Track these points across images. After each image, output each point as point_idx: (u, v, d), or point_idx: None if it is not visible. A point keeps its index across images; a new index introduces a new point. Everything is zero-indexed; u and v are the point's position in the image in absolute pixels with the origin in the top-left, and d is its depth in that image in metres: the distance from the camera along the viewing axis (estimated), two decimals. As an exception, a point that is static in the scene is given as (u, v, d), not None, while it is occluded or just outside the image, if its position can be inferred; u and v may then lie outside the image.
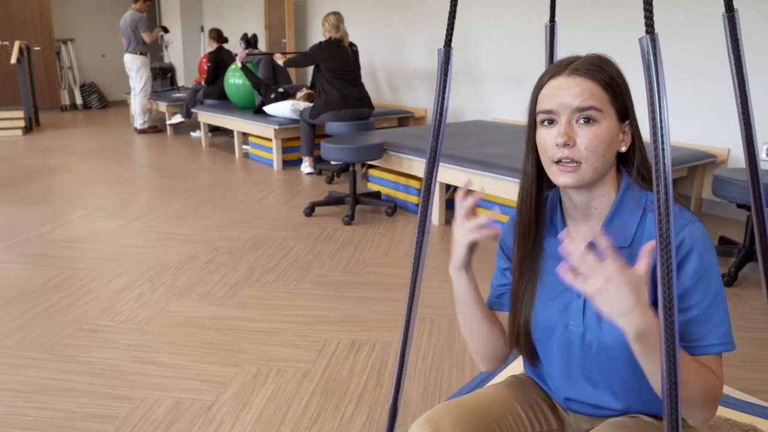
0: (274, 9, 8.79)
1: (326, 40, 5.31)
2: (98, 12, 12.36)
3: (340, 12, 5.38)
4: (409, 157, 4.26)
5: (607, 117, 1.06)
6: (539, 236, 1.21)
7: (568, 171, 1.06)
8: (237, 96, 6.88)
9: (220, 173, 5.88)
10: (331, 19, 5.31)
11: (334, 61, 5.25)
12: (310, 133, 5.68)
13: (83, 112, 11.73)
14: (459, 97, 6.25)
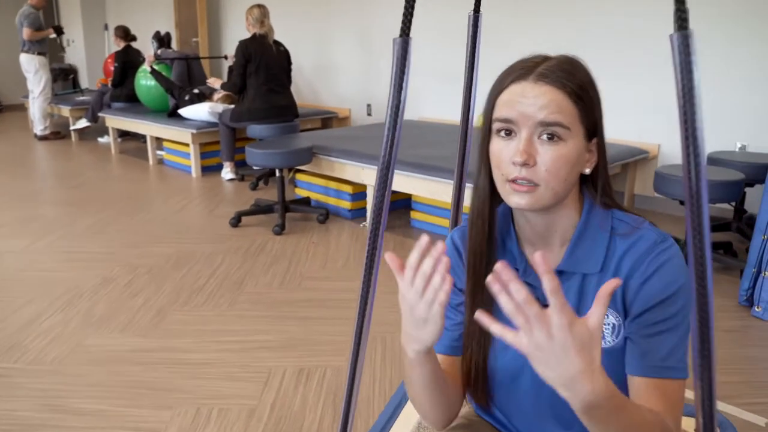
0: (185, 5, 8.35)
1: (249, 37, 5.00)
2: (-11, 9, 11.45)
3: (265, 5, 5.07)
4: (341, 161, 4.05)
5: (574, 135, 0.90)
6: (491, 262, 1.02)
7: (523, 191, 0.90)
8: (149, 98, 6.45)
9: (133, 182, 5.47)
10: (255, 12, 4.99)
11: (257, 61, 4.95)
12: (231, 137, 5.37)
13: (-25, 117, 10.83)
14: (382, 95, 6.09)
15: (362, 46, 6.18)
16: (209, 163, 5.78)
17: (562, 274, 0.97)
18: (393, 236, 3.88)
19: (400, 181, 3.73)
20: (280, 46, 5.14)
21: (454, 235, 1.08)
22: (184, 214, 4.42)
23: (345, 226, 4.09)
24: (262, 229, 4.02)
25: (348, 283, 3.14)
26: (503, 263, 0.71)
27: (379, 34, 5.97)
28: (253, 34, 5.00)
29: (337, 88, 6.60)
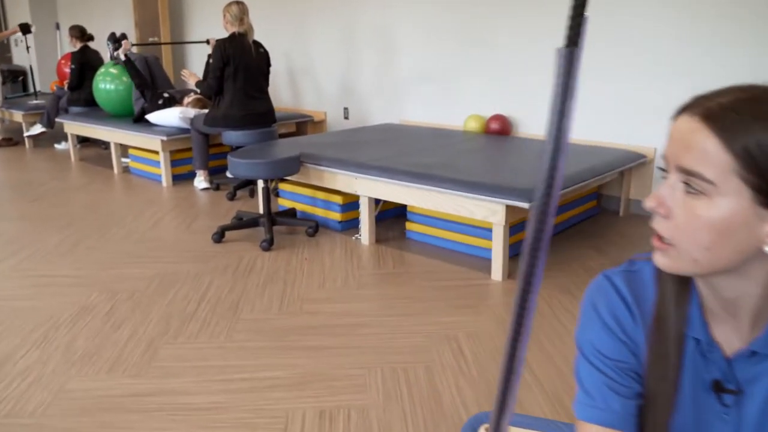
0: (143, 4, 7.96)
1: (228, 37, 4.70)
2: (-72, 8, 10.80)
3: (243, 1, 4.77)
4: (331, 170, 3.80)
5: (726, 195, 0.69)
6: (678, 327, 0.82)
7: (659, 248, 0.75)
8: (109, 103, 6.09)
9: (99, 193, 5.11)
10: (234, 9, 4.68)
11: (236, 63, 4.65)
12: (204, 144, 5.06)
13: None
14: (361, 98, 5.85)
15: (340, 45, 5.94)
16: (179, 171, 5.46)
17: (755, 355, 0.78)
18: (388, 249, 3.66)
19: (394, 191, 3.51)
20: (260, 47, 4.86)
21: (616, 280, 0.86)
22: (160, 229, 4.11)
23: (336, 240, 3.84)
24: (247, 244, 3.75)
25: (351, 306, 2.90)
26: None
27: (360, 32, 5.73)
28: (231, 34, 4.70)
29: (312, 90, 6.33)
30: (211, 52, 4.75)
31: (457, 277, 3.24)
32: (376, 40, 5.62)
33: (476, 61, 4.96)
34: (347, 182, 3.74)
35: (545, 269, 3.48)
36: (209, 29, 7.23)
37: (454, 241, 3.62)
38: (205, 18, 7.34)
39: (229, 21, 4.73)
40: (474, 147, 4.22)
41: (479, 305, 2.90)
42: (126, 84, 5.98)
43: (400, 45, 5.46)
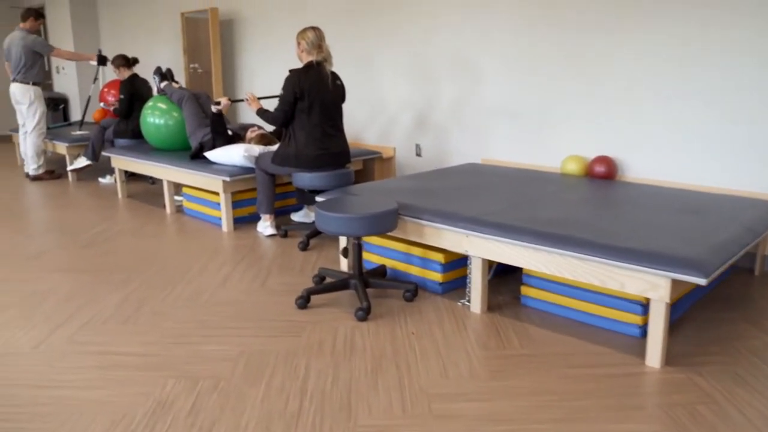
0: (192, 29, 7.56)
1: (302, 67, 4.22)
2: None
3: (319, 27, 4.30)
4: (435, 225, 3.25)
5: None
6: None
7: None
8: (158, 138, 5.65)
9: (155, 238, 4.62)
10: (310, 36, 4.19)
11: (311, 97, 4.16)
12: (270, 186, 4.56)
13: (-46, 151, 9.89)
14: (437, 133, 5.33)
15: (412, 74, 5.43)
16: (240, 214, 4.96)
17: None
18: (505, 320, 3.09)
19: (516, 254, 2.96)
20: (336, 79, 4.36)
21: None
22: (231, 287, 3.59)
23: (439, 306, 3.29)
24: (338, 311, 3.21)
25: (492, 406, 2.33)
26: None
27: (435, 59, 5.22)
28: (307, 64, 4.22)
29: (379, 124, 5.83)
30: (283, 84, 4.26)
31: (601, 363, 2.66)
32: (454, 68, 5.10)
33: (575, 93, 4.41)
34: (455, 240, 3.19)
35: (702, 348, 2.90)
36: (261, 55, 6.79)
37: (586, 312, 3.04)
38: (256, 43, 6.90)
39: (305, 49, 4.25)
40: (589, 195, 3.66)
41: (646, 405, 2.32)
42: (176, 119, 5.55)
43: (482, 74, 4.94)
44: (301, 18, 6.33)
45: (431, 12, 5.17)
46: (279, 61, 6.71)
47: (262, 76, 6.99)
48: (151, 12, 8.53)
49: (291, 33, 6.46)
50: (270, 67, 6.85)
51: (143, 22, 8.73)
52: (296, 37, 4.30)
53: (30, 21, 6.83)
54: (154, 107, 5.70)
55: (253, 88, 7.15)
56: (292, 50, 6.41)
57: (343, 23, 5.90)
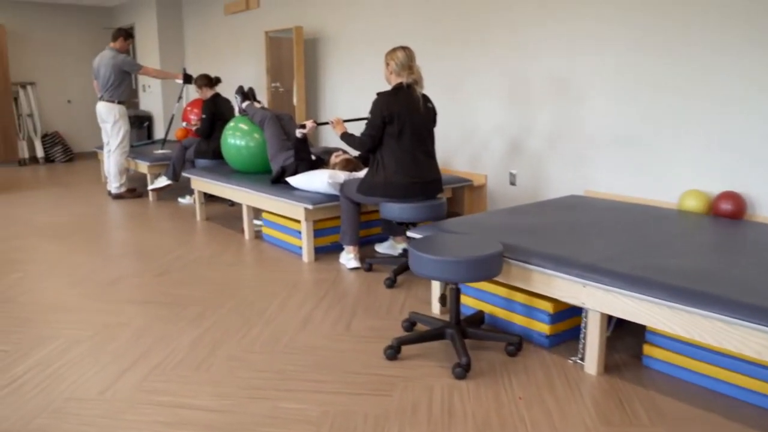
0: (275, 48, 7.42)
1: (391, 90, 3.92)
2: (63, 52, 10.89)
3: (410, 47, 4.00)
4: (546, 272, 2.84)
5: None
6: None
7: None
8: (238, 160, 5.45)
9: (232, 268, 4.39)
10: (399, 56, 3.90)
11: (401, 121, 3.85)
12: (355, 215, 4.25)
13: (45, 166, 10.16)
14: (533, 161, 4.90)
15: (506, 97, 5.04)
16: (321, 243, 4.68)
17: None
18: (626, 385, 2.64)
19: (644, 311, 2.52)
20: (428, 102, 4.04)
21: None
22: (312, 330, 3.27)
23: (547, 363, 2.87)
24: (432, 364, 2.84)
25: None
26: None
27: (533, 81, 4.81)
28: (396, 86, 3.91)
29: (468, 149, 5.46)
30: (371, 108, 3.96)
31: (756, 451, 2.19)
32: (554, 91, 4.68)
33: (697, 118, 3.91)
34: (570, 290, 2.77)
35: None
36: (346, 76, 6.54)
37: (727, 382, 2.56)
38: (341, 63, 6.67)
39: (394, 71, 3.94)
40: (718, 238, 3.16)
41: None
42: (257, 141, 5.34)
43: (585, 95, 4.50)
44: (389, 37, 6.05)
45: (527, 29, 4.78)
46: (365, 82, 6.45)
47: (347, 97, 6.75)
48: (235, 31, 8.48)
49: (379, 53, 6.19)
50: (355, 88, 6.60)
51: (227, 42, 8.69)
52: (385, 57, 4.01)
53: (120, 41, 6.83)
54: (235, 128, 5.52)
55: (336, 109, 6.92)
56: (379, 71, 6.13)
57: (433, 42, 5.58)
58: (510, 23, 4.93)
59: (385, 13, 6.07)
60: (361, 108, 6.45)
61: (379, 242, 4.84)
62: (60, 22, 10.80)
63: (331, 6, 6.75)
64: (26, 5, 10.48)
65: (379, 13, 6.15)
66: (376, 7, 6.17)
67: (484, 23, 5.12)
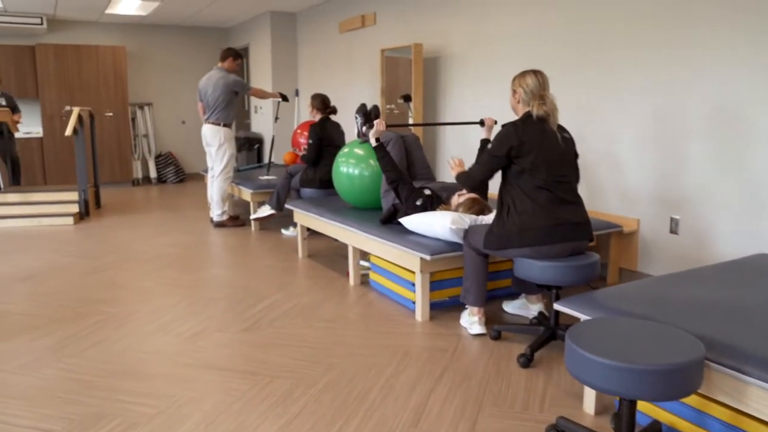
0: (391, 67, 6.79)
1: (520, 119, 3.15)
2: (179, 73, 10.84)
3: (542, 71, 3.20)
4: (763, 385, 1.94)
5: None
6: None
7: None
8: (350, 192, 4.78)
9: (330, 325, 3.71)
10: (529, 82, 3.15)
11: (534, 153, 3.06)
12: (482, 270, 3.46)
13: (157, 186, 10.05)
14: (698, 206, 3.92)
15: (663, 128, 4.10)
16: (438, 297, 3.91)
17: None
18: None
19: None
20: (564, 132, 3.21)
21: None
22: (427, 427, 2.50)
23: None
24: None
25: None
26: None
27: (695, 110, 3.84)
28: (525, 116, 3.13)
29: (618, 188, 4.53)
30: (493, 139, 3.18)
31: None
32: (721, 122, 3.70)
33: None
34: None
35: None
36: (471, 99, 5.77)
37: None
38: (466, 85, 5.91)
39: (522, 99, 3.18)
40: None
41: None
42: (373, 170, 4.64)
43: (761, 132, 3.50)
44: (524, 57, 5.25)
45: (687, 49, 3.83)
46: (495, 108, 5.66)
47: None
48: (349, 50, 7.94)
49: (510, 74, 5.40)
50: (482, 113, 5.83)
51: (340, 61, 8.17)
52: (512, 82, 3.25)
53: (229, 61, 6.43)
54: (349, 154, 4.83)
55: (458, 135, 6.17)
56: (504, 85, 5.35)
57: (576, 61, 4.71)
58: (665, 42, 3.99)
59: (522, 31, 5.28)
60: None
61: (508, 298, 4.03)
62: (177, 43, 10.76)
63: (457, 22, 6.03)
64: (146, 27, 10.50)
65: (514, 31, 5.36)
66: (511, 23, 5.38)
67: (636, 42, 4.21)
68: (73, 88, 9.57)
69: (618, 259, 4.47)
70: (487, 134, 4.27)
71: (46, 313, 3.92)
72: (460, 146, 6.09)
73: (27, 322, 3.75)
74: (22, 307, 4.03)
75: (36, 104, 9.70)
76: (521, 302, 3.82)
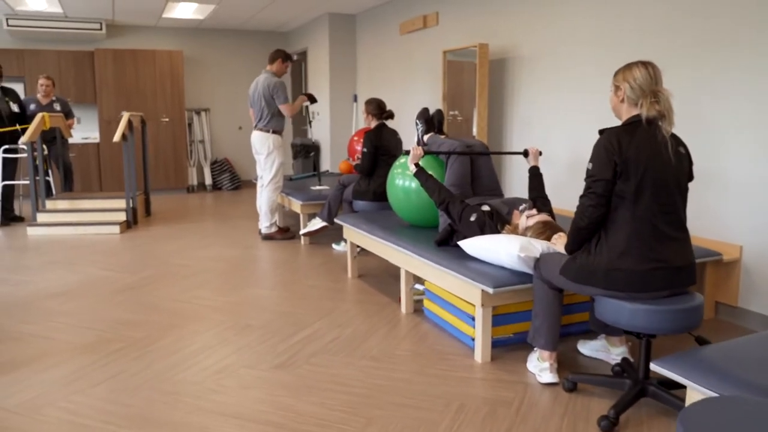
0: (454, 71, 6.27)
1: (623, 125, 2.59)
2: (236, 77, 10.59)
3: (653, 63, 2.61)
4: None
5: None
6: None
7: None
8: (405, 208, 4.27)
9: (376, 365, 3.21)
10: (638, 75, 2.56)
11: (640, 174, 2.48)
12: (556, 306, 2.90)
13: (212, 194, 9.81)
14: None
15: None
16: (500, 333, 3.36)
17: None
18: None
19: None
20: (679, 146, 2.62)
21: None
22: None
23: None
24: None
25: None
26: None
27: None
28: (630, 121, 2.56)
29: (717, 206, 3.87)
30: (592, 154, 2.60)
31: None
32: None
33: None
34: None
35: None
36: (544, 105, 5.18)
37: None
38: (538, 88, 5.33)
39: (628, 97, 2.59)
40: None
41: None
42: (431, 183, 4.11)
43: None
44: (601, 57, 4.64)
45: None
46: (568, 111, 5.07)
47: (544, 130, 5.39)
48: (410, 53, 7.45)
49: (586, 75, 4.80)
50: (555, 121, 5.24)
51: (400, 65, 7.69)
52: (614, 77, 2.66)
53: (278, 63, 6.03)
54: (405, 165, 4.31)
55: (527, 143, 5.59)
56: (598, 102, 4.75)
57: (667, 65, 4.08)
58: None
59: (601, 28, 4.67)
60: (568, 151, 5.08)
61: (584, 336, 3.44)
62: (235, 47, 10.52)
63: (526, 20, 5.46)
64: (203, 31, 10.30)
65: (590, 29, 4.76)
66: (587, 19, 4.78)
67: (753, 37, 3.57)
68: (130, 93, 9.43)
69: (714, 292, 3.82)
70: (534, 162, 3.75)
71: (65, 337, 3.57)
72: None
73: (42, 348, 3.40)
74: (43, 329, 3.70)
75: (94, 109, 9.61)
76: (601, 343, 3.23)
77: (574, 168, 4.92)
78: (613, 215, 2.55)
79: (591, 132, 4.70)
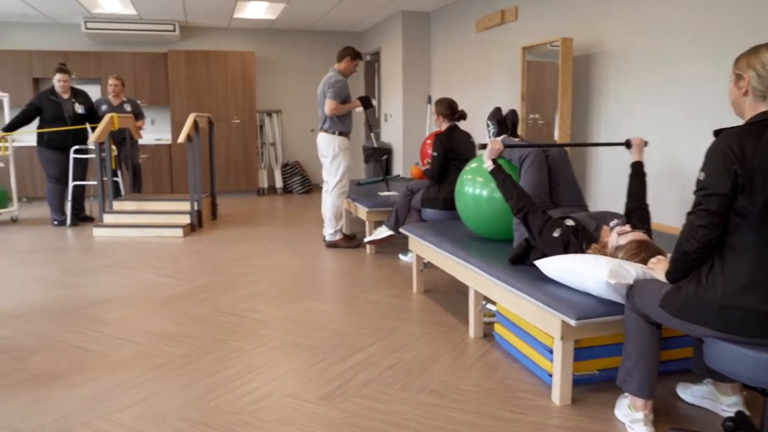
0: (534, 71, 5.76)
1: (744, 126, 2.07)
2: (309, 79, 10.38)
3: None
4: None
5: None
6: None
7: None
8: (476, 219, 3.83)
9: (437, 400, 2.79)
10: (759, 65, 2.04)
11: (765, 190, 1.96)
12: (653, 344, 2.40)
13: (282, 197, 9.62)
14: None
15: None
16: (583, 369, 2.87)
17: None
18: None
19: None
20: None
21: None
22: None
23: None
24: None
25: None
26: None
27: None
28: (755, 120, 2.04)
29: None
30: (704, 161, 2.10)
31: None
32: None
33: None
34: None
35: None
36: (638, 105, 4.61)
37: None
38: (629, 86, 4.76)
39: (754, 90, 2.08)
40: None
41: None
42: (505, 191, 3.65)
43: None
44: (702, 50, 4.05)
45: None
46: (664, 111, 4.49)
47: (635, 133, 4.81)
48: (486, 51, 6.98)
49: (684, 69, 4.22)
50: (648, 123, 4.67)
51: (476, 64, 7.22)
52: (735, 64, 2.13)
53: (346, 61, 5.70)
54: (476, 170, 3.89)
55: (615, 148, 5.03)
56: (702, 95, 4.18)
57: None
58: None
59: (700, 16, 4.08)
60: (678, 156, 4.50)
61: (685, 377, 2.91)
62: (307, 48, 10.31)
63: (614, 11, 4.90)
64: (275, 32, 10.14)
65: (687, 18, 4.18)
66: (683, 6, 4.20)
67: None
68: (201, 95, 9.35)
69: None
70: (638, 156, 3.21)
71: (103, 350, 3.32)
72: (619, 165, 4.94)
73: (77, 361, 3.16)
74: (83, 340, 3.47)
75: (167, 111, 9.59)
76: (707, 389, 2.69)
77: (672, 177, 4.34)
78: (731, 238, 2.04)
79: (695, 135, 4.12)
